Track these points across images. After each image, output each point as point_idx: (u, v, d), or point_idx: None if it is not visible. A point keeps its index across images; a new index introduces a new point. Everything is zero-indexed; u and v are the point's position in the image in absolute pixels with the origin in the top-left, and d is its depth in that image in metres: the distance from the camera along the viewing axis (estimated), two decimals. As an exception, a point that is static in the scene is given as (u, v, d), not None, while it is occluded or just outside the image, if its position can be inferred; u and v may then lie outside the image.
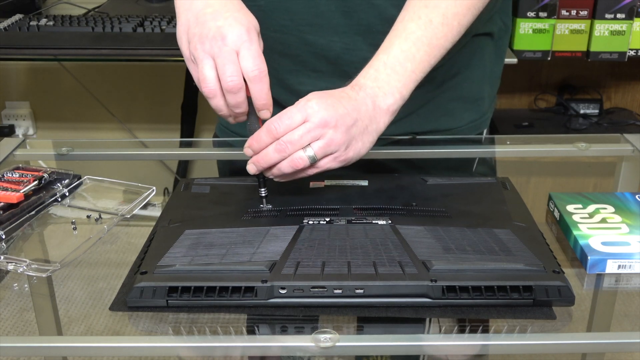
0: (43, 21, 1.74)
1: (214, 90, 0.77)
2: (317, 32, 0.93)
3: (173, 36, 1.60)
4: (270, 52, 0.90)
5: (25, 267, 0.74)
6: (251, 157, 0.78)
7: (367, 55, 0.84)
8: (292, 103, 0.77)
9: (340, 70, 0.96)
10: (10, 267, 0.75)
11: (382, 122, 0.79)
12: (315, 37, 0.93)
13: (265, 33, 0.87)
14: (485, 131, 1.11)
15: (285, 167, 0.76)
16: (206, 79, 0.76)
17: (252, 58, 0.75)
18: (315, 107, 0.74)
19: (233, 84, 0.75)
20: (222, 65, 0.75)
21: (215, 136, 1.15)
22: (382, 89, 0.79)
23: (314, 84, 0.96)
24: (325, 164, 0.77)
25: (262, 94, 0.77)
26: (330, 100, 0.76)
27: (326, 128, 0.74)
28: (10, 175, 0.91)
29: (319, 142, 0.75)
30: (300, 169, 0.76)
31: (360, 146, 0.78)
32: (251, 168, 0.78)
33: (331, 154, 0.76)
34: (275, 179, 0.79)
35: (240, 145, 0.81)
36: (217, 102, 0.78)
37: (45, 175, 0.91)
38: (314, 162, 0.76)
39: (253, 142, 0.77)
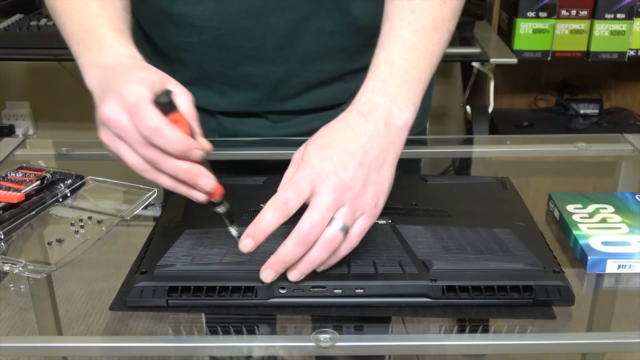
0: (43, 21, 1.74)
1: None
2: (254, 64, 0.92)
3: (173, 36, 1.60)
4: (210, 81, 0.96)
5: (21, 268, 0.74)
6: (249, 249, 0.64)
7: (307, 81, 0.88)
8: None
9: (279, 94, 0.97)
10: (7, 267, 0.74)
11: (399, 144, 0.69)
12: (253, 68, 0.93)
13: (204, 67, 0.93)
14: (427, 125, 1.12)
15: (319, 253, 0.63)
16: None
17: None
18: (323, 172, 0.63)
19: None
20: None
21: None
22: (396, 103, 0.68)
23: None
24: (360, 228, 0.65)
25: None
26: (332, 151, 0.65)
27: (343, 194, 0.63)
28: (14, 174, 0.91)
29: (343, 209, 0.64)
30: (336, 248, 0.64)
31: (387, 186, 0.68)
32: (267, 275, 0.65)
33: (361, 214, 0.65)
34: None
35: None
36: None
37: (48, 175, 0.91)
38: (346, 232, 0.64)
39: (256, 230, 0.63)
